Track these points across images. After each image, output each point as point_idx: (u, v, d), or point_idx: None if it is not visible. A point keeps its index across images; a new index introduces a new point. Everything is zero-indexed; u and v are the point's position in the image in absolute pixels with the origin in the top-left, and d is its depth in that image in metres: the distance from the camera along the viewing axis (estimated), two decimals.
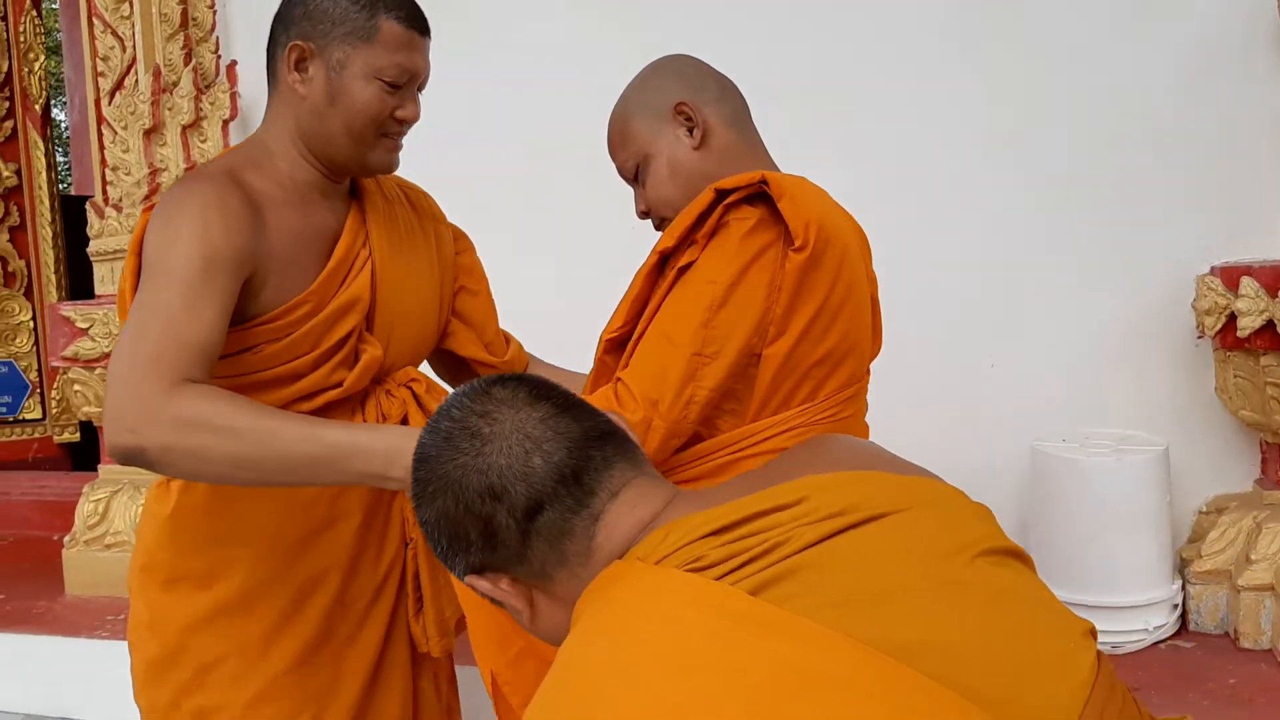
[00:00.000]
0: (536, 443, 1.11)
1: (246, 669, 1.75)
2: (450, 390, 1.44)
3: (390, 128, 1.71)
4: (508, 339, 2.09)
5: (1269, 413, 2.89)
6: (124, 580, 3.65)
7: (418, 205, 1.95)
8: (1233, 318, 2.86)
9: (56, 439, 4.99)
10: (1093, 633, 1.04)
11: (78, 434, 5.00)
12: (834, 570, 1.00)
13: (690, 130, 1.70)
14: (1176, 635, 2.96)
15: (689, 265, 1.56)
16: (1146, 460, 2.94)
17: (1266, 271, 2.83)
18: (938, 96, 3.30)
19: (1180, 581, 2.99)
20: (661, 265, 1.61)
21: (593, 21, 3.54)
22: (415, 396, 1.82)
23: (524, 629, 1.21)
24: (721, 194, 1.55)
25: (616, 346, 1.64)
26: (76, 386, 3.68)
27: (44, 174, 4.91)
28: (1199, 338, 3.07)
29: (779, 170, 1.74)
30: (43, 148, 4.90)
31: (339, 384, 1.71)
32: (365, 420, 1.76)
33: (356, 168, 1.75)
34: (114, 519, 3.69)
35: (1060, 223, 3.24)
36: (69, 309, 3.64)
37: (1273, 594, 2.82)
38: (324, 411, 1.71)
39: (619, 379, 1.54)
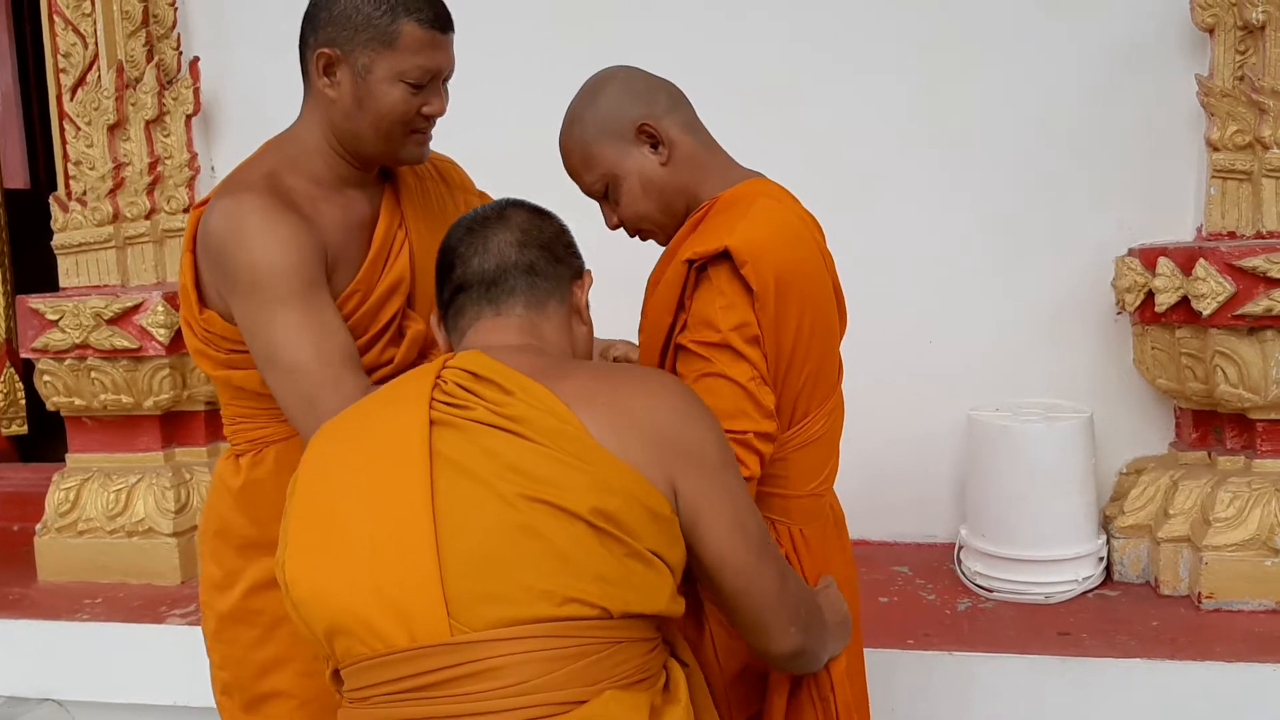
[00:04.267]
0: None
1: None
2: None
3: (418, 124, 1.77)
4: None
5: (1183, 380, 3.13)
6: (97, 566, 3.75)
7: (448, 178, 2.01)
8: (1150, 295, 3.09)
9: (4, 432, 4.98)
10: None
11: (25, 427, 5.00)
12: (473, 454, 1.30)
13: (655, 147, 1.76)
14: (1103, 585, 3.20)
15: (685, 326, 1.69)
16: (1072, 426, 3.18)
17: (1180, 252, 3.06)
18: (875, 92, 3.50)
19: (1105, 536, 3.24)
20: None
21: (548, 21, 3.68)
22: None
23: None
24: (691, 264, 1.66)
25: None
26: (46, 378, 3.69)
27: None
28: (1118, 314, 3.34)
29: (736, 164, 1.86)
30: None
31: (390, 361, 1.79)
32: None
33: (388, 161, 1.82)
34: (85, 507, 3.72)
35: (991, 211, 3.46)
36: (38, 302, 3.66)
37: (1189, 545, 3.06)
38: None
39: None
